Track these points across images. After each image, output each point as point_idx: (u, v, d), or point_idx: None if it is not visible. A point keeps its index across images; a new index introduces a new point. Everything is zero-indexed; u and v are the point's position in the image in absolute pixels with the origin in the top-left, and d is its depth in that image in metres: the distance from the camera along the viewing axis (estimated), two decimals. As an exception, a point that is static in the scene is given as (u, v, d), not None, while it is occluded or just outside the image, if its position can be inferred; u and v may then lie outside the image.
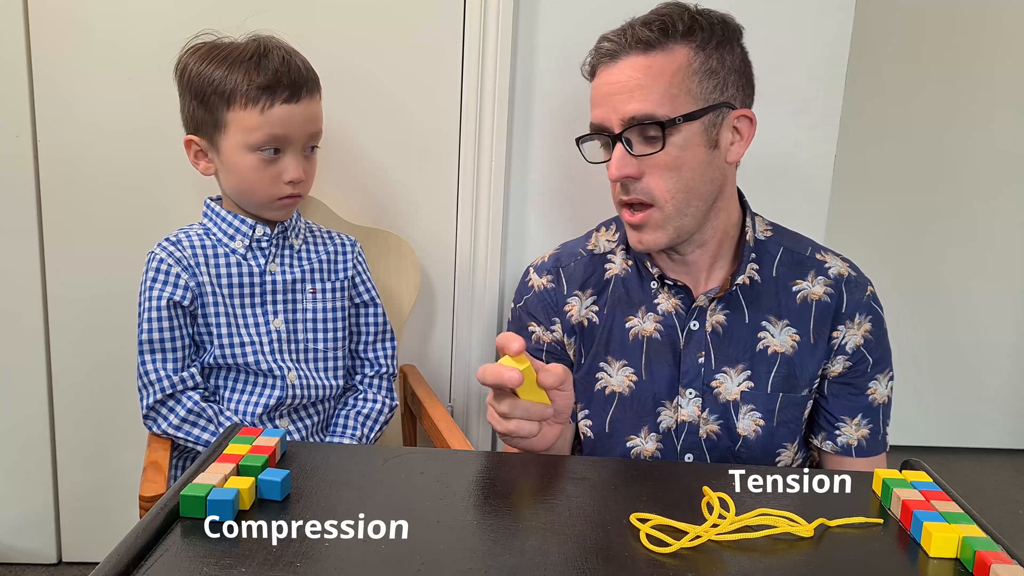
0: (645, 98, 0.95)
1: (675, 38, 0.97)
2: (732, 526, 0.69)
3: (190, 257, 1.13)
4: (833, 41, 1.51)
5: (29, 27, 1.45)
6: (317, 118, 1.14)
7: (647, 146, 0.97)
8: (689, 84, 0.96)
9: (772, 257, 1.07)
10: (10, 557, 1.67)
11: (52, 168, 1.50)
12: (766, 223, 1.10)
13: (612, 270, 1.11)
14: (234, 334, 1.13)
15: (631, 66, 0.97)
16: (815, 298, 1.06)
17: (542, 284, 1.13)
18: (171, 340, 1.11)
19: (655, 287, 1.08)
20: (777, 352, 1.05)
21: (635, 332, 1.08)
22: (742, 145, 1.02)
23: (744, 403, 1.05)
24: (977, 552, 0.63)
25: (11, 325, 1.56)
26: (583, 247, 1.14)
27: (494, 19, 1.46)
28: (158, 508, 0.65)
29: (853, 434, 1.07)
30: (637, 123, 0.96)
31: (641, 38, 0.97)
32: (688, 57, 0.97)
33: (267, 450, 0.75)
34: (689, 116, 0.96)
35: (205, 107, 1.10)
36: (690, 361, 1.05)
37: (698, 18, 0.98)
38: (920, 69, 2.38)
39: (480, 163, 1.53)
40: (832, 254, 1.09)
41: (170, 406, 1.10)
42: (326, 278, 1.20)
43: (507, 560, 0.63)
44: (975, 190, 2.48)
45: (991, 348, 2.58)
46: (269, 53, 1.09)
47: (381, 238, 1.40)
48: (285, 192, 1.12)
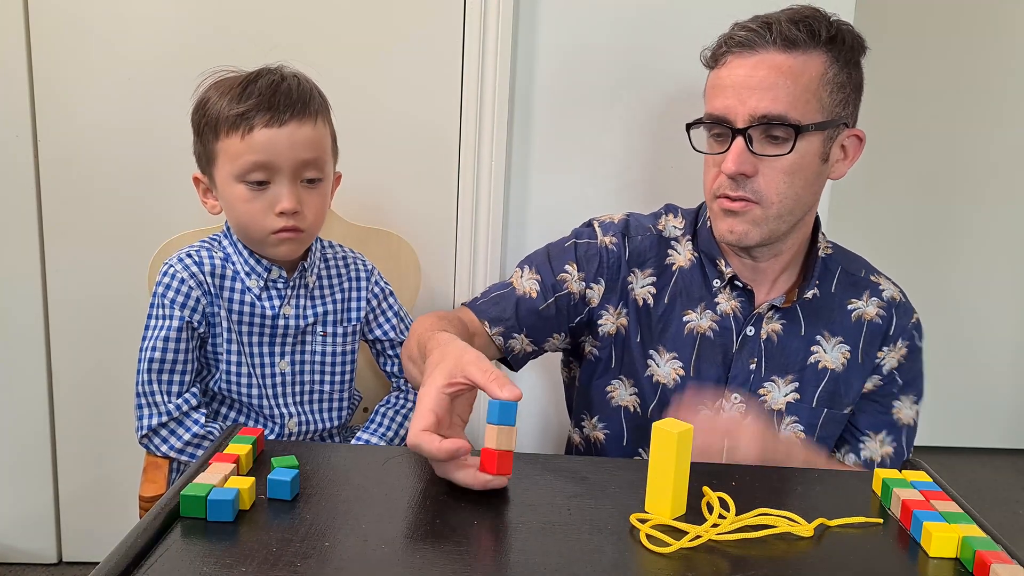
0: (780, 98, 0.93)
1: (817, 43, 0.95)
2: (732, 526, 0.69)
3: (209, 281, 1.08)
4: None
5: (29, 28, 1.45)
6: (311, 144, 1.04)
7: (771, 146, 0.96)
8: (821, 93, 0.95)
9: (831, 275, 1.08)
10: (10, 557, 1.67)
11: (52, 168, 1.50)
12: (827, 241, 1.11)
13: (675, 258, 1.09)
14: (242, 373, 1.11)
15: (769, 62, 0.94)
16: (868, 318, 1.06)
17: (605, 242, 1.10)
18: (180, 363, 1.07)
19: (717, 286, 1.07)
20: (827, 368, 1.05)
21: (691, 327, 1.06)
22: (847, 164, 1.02)
23: (788, 414, 1.05)
24: (977, 552, 0.63)
25: (11, 325, 1.56)
26: (652, 224, 1.12)
27: (494, 19, 1.46)
28: (158, 508, 0.65)
29: (878, 450, 1.07)
30: (767, 122, 0.94)
31: (787, 35, 0.94)
32: (825, 66, 0.95)
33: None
34: (819, 126, 0.95)
35: (201, 140, 1.06)
36: (740, 366, 1.05)
37: (841, 28, 0.97)
38: (920, 69, 2.38)
39: (480, 163, 1.53)
40: (885, 277, 1.10)
41: (171, 428, 1.07)
42: (338, 320, 1.16)
43: (507, 560, 0.63)
44: (975, 191, 2.48)
45: (991, 348, 2.58)
46: (260, 79, 1.03)
47: (381, 238, 1.40)
48: (278, 224, 1.03)
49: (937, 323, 2.53)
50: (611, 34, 1.50)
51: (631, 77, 1.52)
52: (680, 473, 0.70)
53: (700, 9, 1.48)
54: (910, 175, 2.45)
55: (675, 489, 0.70)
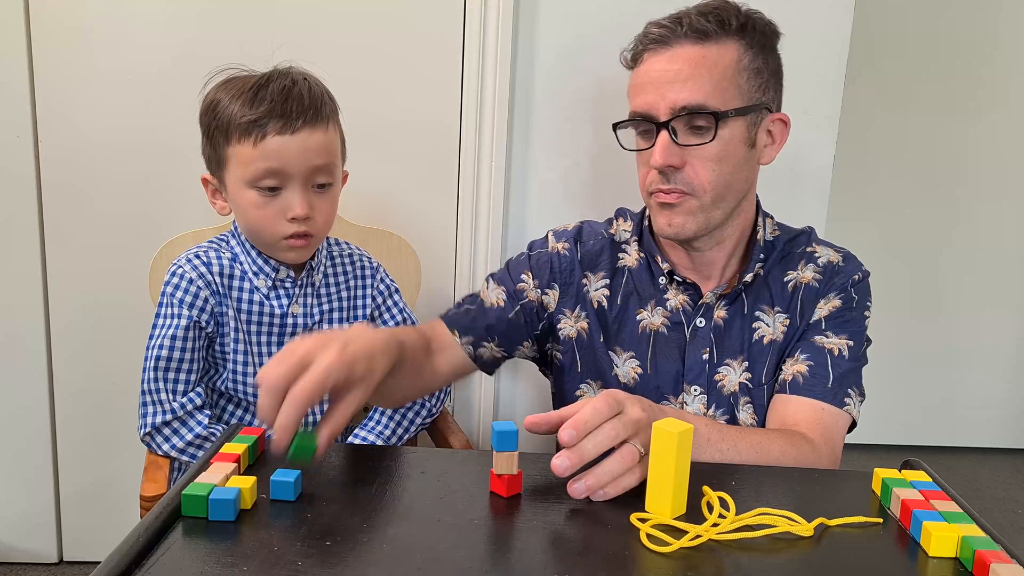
0: (697, 88, 0.95)
1: (728, 32, 0.97)
2: (732, 526, 0.69)
3: (218, 281, 1.09)
4: (833, 41, 1.52)
5: (30, 28, 1.45)
6: (323, 150, 1.04)
7: (694, 136, 0.97)
8: (738, 80, 0.97)
9: (776, 254, 1.09)
10: (11, 557, 1.67)
11: (53, 168, 1.51)
12: (774, 224, 1.11)
13: (625, 260, 1.11)
14: (248, 373, 1.11)
15: (684, 55, 0.97)
16: (804, 281, 1.07)
17: (556, 248, 1.12)
18: (187, 362, 1.08)
19: (664, 282, 1.08)
20: (771, 341, 1.06)
21: (644, 325, 1.08)
22: (775, 148, 1.04)
23: (742, 395, 1.06)
24: (976, 551, 0.63)
25: (11, 325, 1.57)
26: (606, 230, 1.14)
27: (494, 19, 1.47)
28: (160, 507, 0.65)
29: (789, 369, 1.03)
30: (687, 112, 0.96)
31: (697, 27, 0.96)
32: (739, 53, 0.98)
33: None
34: (740, 111, 0.97)
35: (211, 143, 1.06)
36: (694, 357, 1.06)
37: (751, 17, 0.99)
38: (921, 70, 2.38)
39: (480, 163, 1.53)
40: (825, 245, 1.10)
41: (175, 427, 1.07)
42: (345, 318, 1.17)
43: (507, 560, 0.63)
44: (975, 191, 2.48)
45: (991, 348, 2.58)
46: (271, 83, 1.03)
47: (382, 238, 1.40)
48: (290, 230, 1.05)
49: (937, 323, 2.56)
50: (611, 34, 1.50)
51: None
52: (680, 473, 0.70)
53: (700, 9, 1.48)
54: (910, 176, 2.45)
55: (675, 489, 0.70)
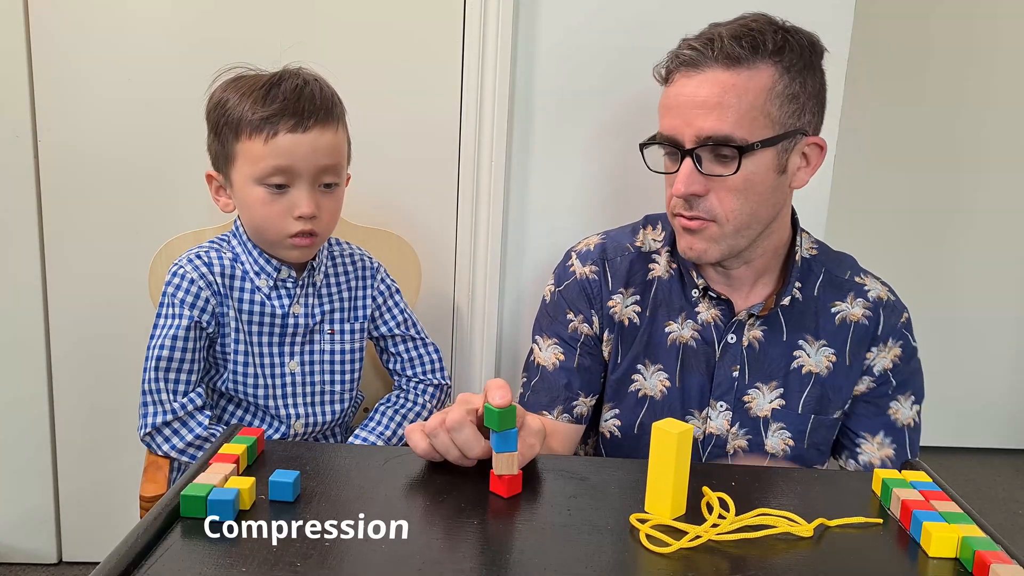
0: (724, 118, 0.92)
1: (763, 56, 0.92)
2: (732, 526, 0.69)
3: (219, 282, 1.09)
4: (833, 41, 1.51)
5: (30, 28, 1.45)
6: (332, 151, 1.05)
7: (719, 166, 0.94)
8: (769, 108, 0.93)
9: (815, 277, 1.06)
10: (10, 557, 1.67)
11: (52, 169, 1.50)
12: (812, 241, 1.09)
13: (656, 271, 1.08)
14: (249, 374, 1.11)
15: (713, 81, 0.92)
16: (854, 319, 1.05)
17: (584, 273, 1.09)
18: (188, 362, 1.07)
19: (696, 295, 1.06)
20: (811, 372, 1.04)
21: (673, 338, 1.06)
22: (808, 172, 0.99)
23: (774, 420, 1.04)
24: (976, 552, 0.63)
25: (11, 325, 1.56)
26: (631, 242, 1.11)
27: (494, 19, 1.46)
28: (159, 508, 0.65)
29: (876, 452, 1.05)
30: (712, 143, 0.93)
31: (729, 53, 0.92)
32: (773, 79, 0.93)
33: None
34: (766, 142, 0.93)
35: (219, 139, 1.06)
36: (723, 374, 1.04)
37: (789, 38, 0.94)
38: (920, 70, 2.38)
39: (480, 163, 1.53)
40: (872, 277, 1.08)
41: (175, 428, 1.07)
42: (346, 318, 1.17)
43: (507, 560, 0.63)
44: (975, 191, 2.48)
45: (991, 348, 2.58)
46: (283, 82, 1.03)
47: (382, 238, 1.40)
48: (295, 229, 1.05)
49: (936, 323, 2.55)
50: (611, 35, 1.50)
51: (631, 78, 1.51)
52: (680, 473, 0.70)
53: (700, 10, 1.47)
54: (910, 177, 2.45)
55: (675, 489, 0.70)
